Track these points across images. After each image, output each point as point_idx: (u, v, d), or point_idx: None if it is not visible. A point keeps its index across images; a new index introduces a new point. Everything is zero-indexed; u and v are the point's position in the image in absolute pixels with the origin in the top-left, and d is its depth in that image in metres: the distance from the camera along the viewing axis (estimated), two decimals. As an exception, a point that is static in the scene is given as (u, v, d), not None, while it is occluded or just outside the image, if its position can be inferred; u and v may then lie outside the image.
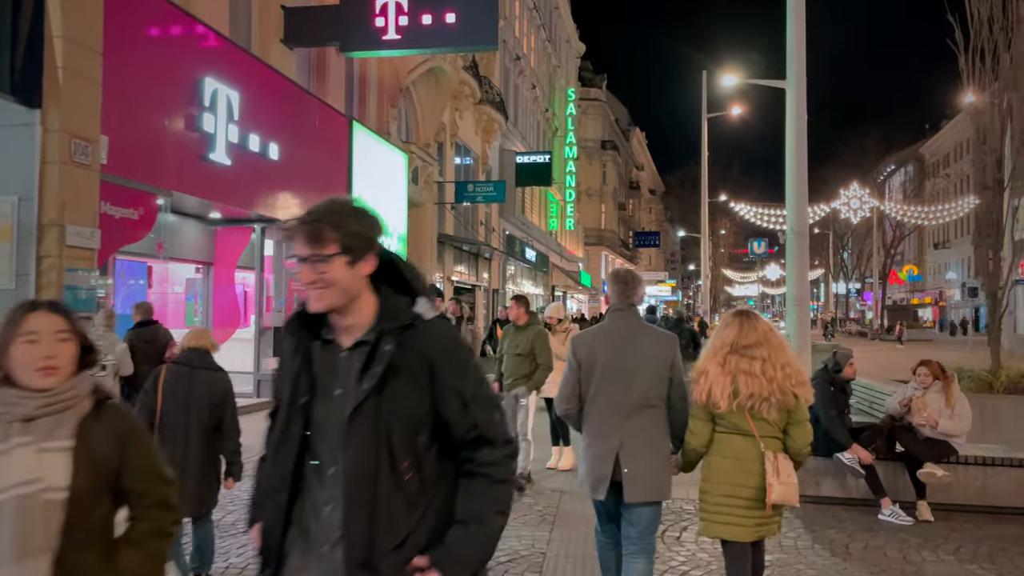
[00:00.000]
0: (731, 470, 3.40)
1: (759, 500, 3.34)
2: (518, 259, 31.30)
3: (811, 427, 3.52)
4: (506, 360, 6.91)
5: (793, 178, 14.19)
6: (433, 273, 19.57)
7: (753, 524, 3.39)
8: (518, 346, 6.75)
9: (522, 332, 6.83)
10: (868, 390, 9.12)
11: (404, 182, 16.96)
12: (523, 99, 33.24)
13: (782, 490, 3.31)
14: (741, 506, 3.37)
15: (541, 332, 6.91)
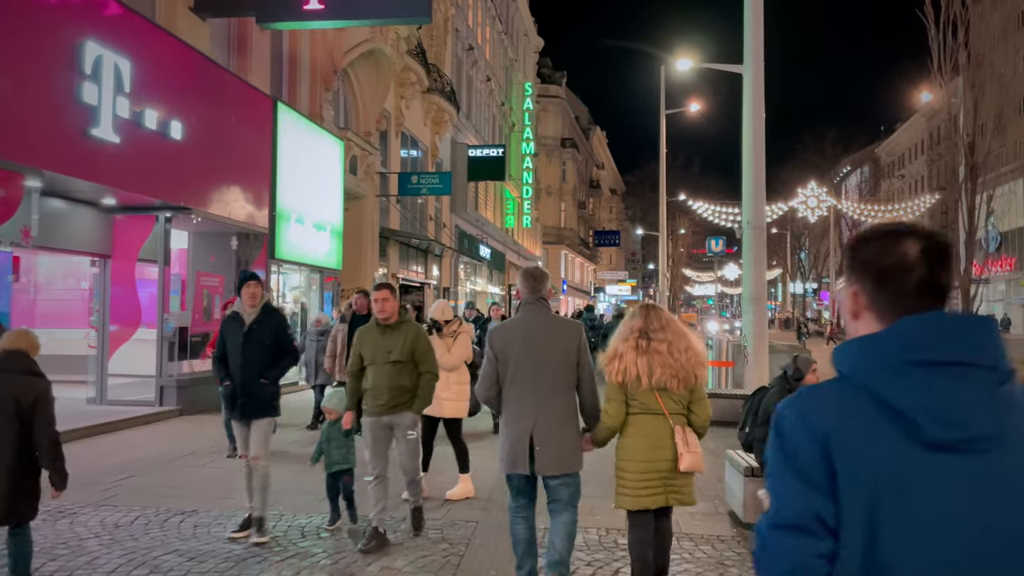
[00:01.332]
0: (646, 447, 3.76)
1: (673, 470, 3.74)
2: (471, 257, 30.23)
3: (709, 403, 3.91)
4: (372, 373, 5.00)
5: (750, 169, 13.35)
6: (374, 269, 18.41)
7: (667, 491, 3.77)
8: (390, 351, 4.96)
9: (394, 333, 5.04)
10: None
11: (340, 171, 15.79)
12: (477, 91, 32.18)
13: (691, 458, 3.72)
14: (657, 478, 3.74)
15: (421, 331, 5.24)
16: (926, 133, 69.13)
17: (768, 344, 13.10)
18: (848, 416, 1.23)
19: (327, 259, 15.26)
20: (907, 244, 1.30)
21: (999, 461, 1.19)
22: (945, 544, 1.18)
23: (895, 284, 1.30)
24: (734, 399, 10.72)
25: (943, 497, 1.19)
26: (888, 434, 1.20)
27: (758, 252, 13.73)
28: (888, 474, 1.19)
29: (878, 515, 1.19)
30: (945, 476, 1.19)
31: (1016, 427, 1.21)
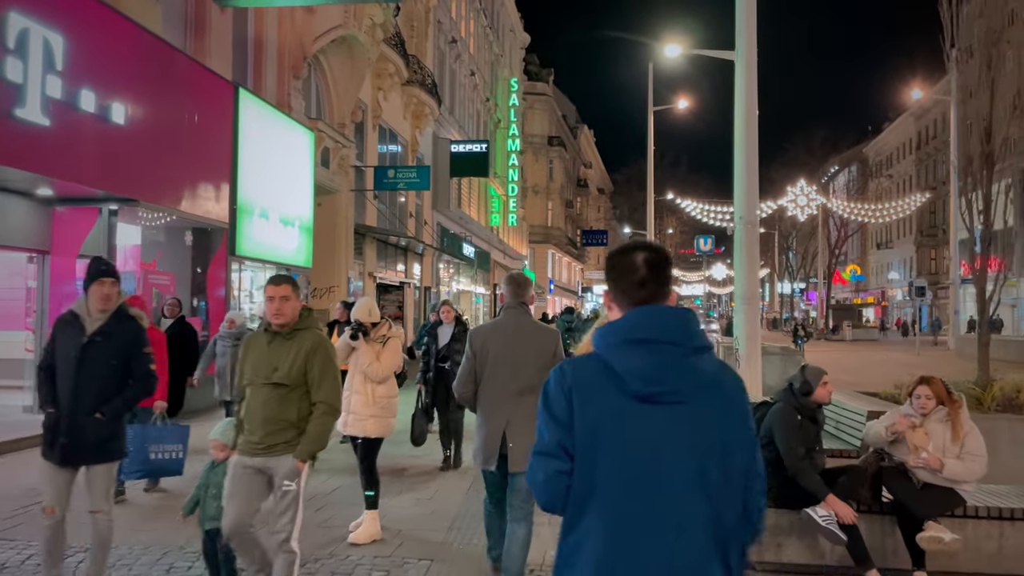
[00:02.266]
0: None
1: None
2: (454, 255, 29.41)
3: None
4: (248, 398, 3.76)
5: (742, 160, 12.58)
6: (349, 267, 17.56)
7: None
8: (275, 369, 3.66)
9: (284, 344, 3.71)
10: (834, 407, 7.49)
11: (310, 163, 14.93)
12: (461, 86, 31.35)
13: None
14: None
15: (321, 343, 3.78)
16: (914, 132, 68.99)
17: (758, 344, 12.39)
18: (586, 377, 1.78)
19: (295, 256, 14.41)
20: (635, 256, 1.85)
21: (688, 408, 1.73)
22: (641, 464, 1.71)
23: (625, 285, 1.85)
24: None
25: (644, 433, 1.72)
26: (609, 389, 1.74)
27: (750, 249, 12.97)
28: (607, 417, 1.73)
29: (597, 444, 1.73)
30: (647, 418, 1.73)
31: (700, 385, 1.76)
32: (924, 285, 33.62)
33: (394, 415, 5.45)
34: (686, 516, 1.68)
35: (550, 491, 1.77)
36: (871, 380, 17.64)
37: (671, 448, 1.70)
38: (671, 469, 1.69)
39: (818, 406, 4.83)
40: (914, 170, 67.74)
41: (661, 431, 1.70)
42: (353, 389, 5.26)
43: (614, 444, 1.70)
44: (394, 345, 5.45)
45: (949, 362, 26.64)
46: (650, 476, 1.69)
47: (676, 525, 1.67)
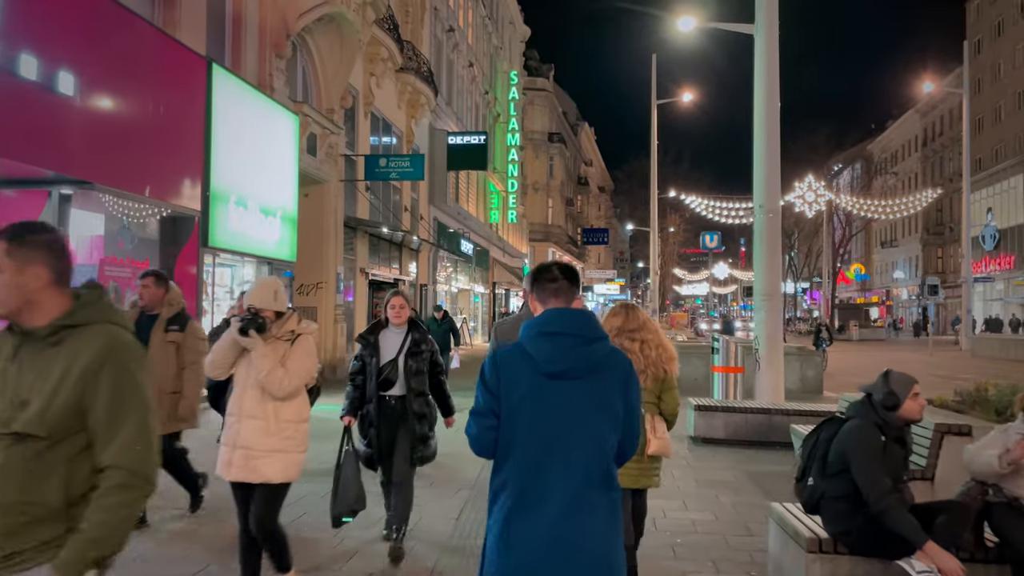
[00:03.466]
0: None
1: (640, 453, 3.91)
2: (452, 252, 28.35)
3: (678, 394, 4.18)
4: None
5: (763, 144, 11.48)
6: (337, 262, 16.51)
7: (636, 474, 3.99)
8: (23, 403, 1.96)
9: (43, 356, 1.99)
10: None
11: (293, 149, 13.87)
12: (458, 77, 30.29)
13: (658, 444, 4.03)
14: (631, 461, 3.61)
15: (114, 353, 1.99)
16: (920, 129, 68.01)
17: (780, 345, 11.34)
18: (511, 359, 2.37)
19: (277, 249, 13.35)
20: (551, 272, 2.51)
21: (585, 383, 2.33)
22: (549, 423, 2.29)
23: (543, 294, 2.49)
24: (749, 414, 8.89)
25: (552, 400, 2.30)
26: (527, 368, 2.33)
27: (772, 240, 11.91)
28: (524, 389, 2.32)
29: (517, 409, 2.31)
30: (553, 390, 2.31)
31: (593, 365, 2.34)
32: (937, 283, 32.53)
33: (304, 450, 3.92)
34: (578, 459, 2.31)
35: (481, 442, 2.39)
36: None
37: (571, 412, 2.34)
38: (570, 427, 2.33)
39: (907, 424, 3.77)
40: (920, 167, 66.76)
41: (564, 399, 2.34)
42: (243, 411, 3.78)
43: (530, 409, 2.33)
44: (306, 346, 3.89)
45: (968, 362, 25.68)
46: (555, 431, 2.32)
47: (571, 464, 2.30)
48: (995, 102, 50.75)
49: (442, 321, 13.40)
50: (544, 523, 2.22)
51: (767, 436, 8.83)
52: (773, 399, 10.49)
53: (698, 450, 8.54)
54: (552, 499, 2.23)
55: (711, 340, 11.52)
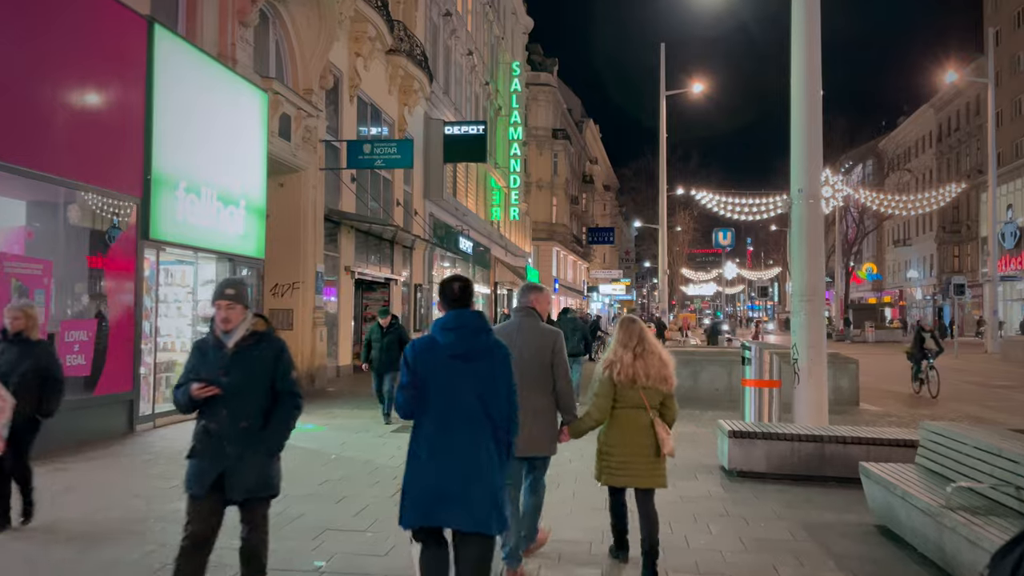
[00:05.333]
0: (632, 435, 4.45)
1: (655, 454, 4.44)
2: (449, 250, 26.70)
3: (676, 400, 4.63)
4: None
5: (802, 120, 9.61)
6: (317, 260, 14.86)
7: (648, 474, 4.45)
8: None
9: None
10: (988, 454, 4.74)
11: (261, 132, 12.24)
12: (456, 65, 28.64)
13: (671, 445, 4.44)
14: (642, 462, 4.43)
15: None
16: (935, 124, 66.10)
17: (823, 354, 9.63)
18: (425, 345, 3.36)
19: (241, 244, 11.72)
20: (453, 284, 3.48)
21: (475, 363, 3.32)
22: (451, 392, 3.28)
23: (447, 300, 3.46)
24: (797, 441, 7.21)
25: (453, 375, 3.29)
26: (436, 352, 3.32)
27: (813, 231, 10.14)
28: (433, 367, 3.30)
29: (429, 381, 3.28)
30: (454, 368, 3.29)
31: (481, 351, 3.35)
32: (964, 283, 30.79)
33: None
34: (473, 418, 3.30)
35: (405, 407, 3.36)
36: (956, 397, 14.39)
37: (466, 383, 3.32)
38: (465, 394, 3.31)
39: None
40: (935, 163, 64.86)
41: (461, 374, 3.32)
42: None
43: (437, 381, 3.31)
44: None
45: (999, 367, 23.84)
46: (455, 398, 3.30)
47: (467, 421, 3.29)
48: (1015, 95, 48.94)
49: (388, 329, 10.79)
50: (447, 455, 3.27)
51: (819, 470, 7.14)
52: (815, 419, 8.81)
53: (736, 488, 6.86)
54: (454, 442, 3.29)
55: (741, 348, 9.80)
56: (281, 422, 3.67)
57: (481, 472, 3.25)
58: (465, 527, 3.22)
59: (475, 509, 3.20)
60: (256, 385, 3.58)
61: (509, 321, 4.64)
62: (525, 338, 4.46)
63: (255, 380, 3.58)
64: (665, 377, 4.45)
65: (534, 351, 4.43)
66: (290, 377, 3.69)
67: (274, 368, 3.64)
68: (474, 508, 3.20)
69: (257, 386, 3.59)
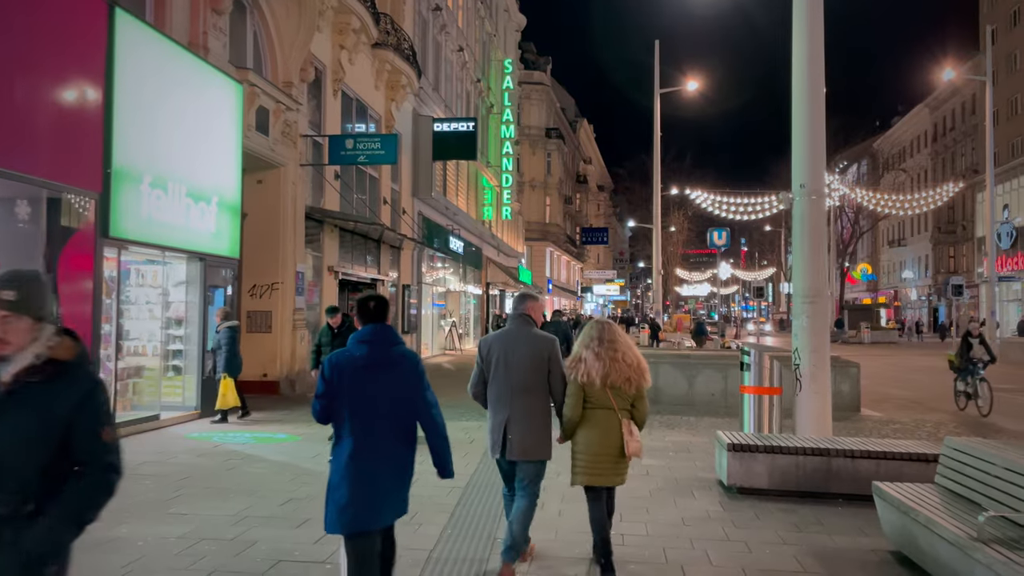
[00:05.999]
0: (599, 436, 4.52)
1: (620, 455, 4.50)
2: (439, 250, 26.13)
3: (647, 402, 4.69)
4: None
5: (804, 111, 9.03)
6: (298, 259, 14.28)
7: (614, 473, 4.54)
8: None
9: None
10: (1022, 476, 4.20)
11: (236, 125, 11.67)
12: (447, 61, 28.07)
13: (635, 446, 4.50)
14: (608, 461, 4.50)
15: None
16: (930, 124, 65.79)
17: (827, 360, 9.09)
18: (343, 358, 3.60)
19: (214, 243, 11.14)
20: (369, 303, 3.75)
21: (387, 372, 3.60)
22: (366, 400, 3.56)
23: (364, 314, 3.73)
24: (801, 455, 6.68)
25: (367, 384, 3.56)
26: (352, 363, 3.59)
27: (816, 228, 9.60)
28: (350, 377, 3.56)
29: (345, 390, 3.56)
30: (368, 377, 3.57)
31: (392, 361, 3.64)
32: (962, 283, 30.25)
33: None
34: (387, 424, 3.59)
35: (321, 414, 3.65)
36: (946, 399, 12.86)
37: (380, 392, 3.60)
38: (379, 401, 3.60)
39: None
40: (930, 163, 64.57)
41: (375, 383, 3.60)
42: None
43: (354, 390, 3.58)
44: None
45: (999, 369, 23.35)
46: (370, 406, 3.58)
47: (383, 429, 3.57)
48: (1011, 94, 48.60)
49: (340, 330, 9.82)
50: (368, 459, 3.54)
51: (825, 486, 6.60)
52: (819, 429, 8.28)
53: (736, 507, 6.31)
54: (373, 446, 3.56)
55: (740, 353, 9.26)
56: (68, 510, 2.23)
57: (399, 471, 3.65)
58: (390, 521, 3.69)
59: (397, 504, 3.65)
60: (31, 447, 2.22)
61: (505, 328, 4.80)
62: (520, 345, 4.63)
63: (31, 439, 2.22)
64: (628, 378, 4.52)
65: (529, 357, 4.59)
66: (100, 438, 2.29)
67: (72, 421, 2.25)
68: (396, 503, 3.64)
69: (33, 449, 2.22)
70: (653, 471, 7.67)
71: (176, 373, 11.30)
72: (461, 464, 7.20)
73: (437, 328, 27.59)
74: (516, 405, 4.51)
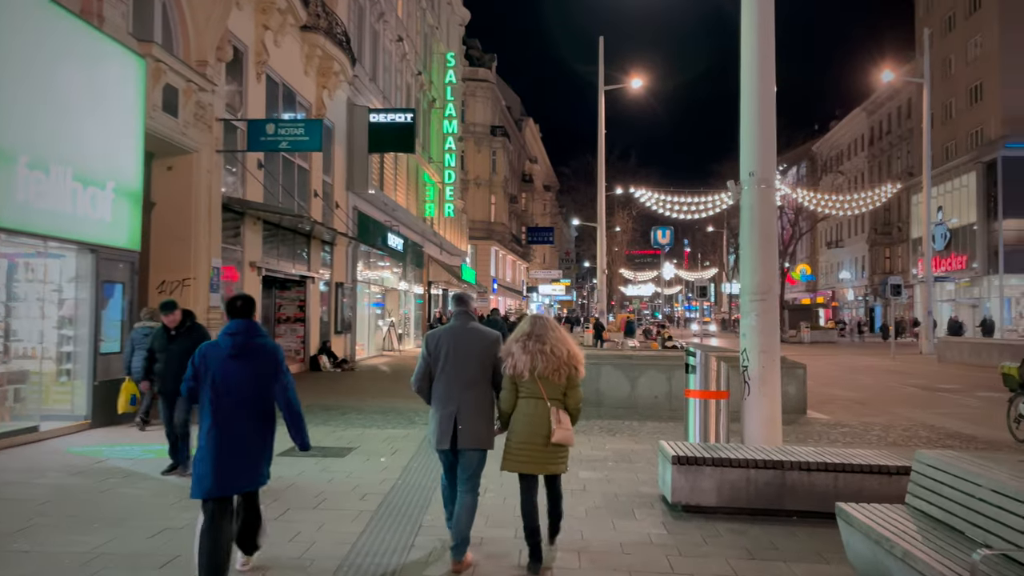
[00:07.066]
0: (527, 423, 4.67)
1: (547, 443, 4.62)
2: (376, 247, 25.07)
3: (581, 392, 4.83)
4: None
5: (753, 95, 8.19)
6: (212, 254, 13.15)
7: (544, 461, 4.66)
8: None
9: None
10: (1015, 502, 3.54)
11: (136, 103, 10.53)
12: (385, 51, 27.01)
13: (562, 434, 4.62)
14: (536, 448, 4.63)
15: None
16: (867, 128, 67.16)
17: (777, 362, 8.50)
18: (210, 348, 4.29)
19: (110, 233, 10.00)
20: (235, 302, 4.41)
21: (249, 359, 4.27)
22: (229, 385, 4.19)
23: (230, 310, 4.40)
24: (753, 468, 6.01)
25: (231, 371, 4.21)
26: (218, 352, 4.25)
27: (766, 220, 8.95)
28: (216, 364, 4.21)
29: (211, 376, 4.19)
30: (233, 365, 4.23)
31: (254, 350, 4.29)
32: (900, 283, 30.54)
33: None
34: (246, 406, 4.19)
35: (187, 394, 4.25)
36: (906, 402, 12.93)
37: (242, 377, 4.20)
38: (240, 386, 4.18)
39: None
40: (867, 166, 65.88)
41: (238, 370, 4.19)
42: None
43: (217, 376, 4.16)
44: None
45: (938, 369, 23.41)
46: (231, 390, 4.16)
47: (245, 407, 4.19)
48: (946, 99, 49.70)
49: (178, 331, 7.40)
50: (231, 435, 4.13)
51: (779, 502, 5.94)
52: (768, 437, 7.66)
53: (681, 530, 5.59)
54: (236, 425, 4.16)
55: (685, 354, 8.58)
56: None
57: (257, 445, 4.27)
58: (249, 488, 4.28)
59: (255, 474, 4.26)
60: None
61: (452, 324, 4.95)
62: (467, 340, 4.84)
63: None
64: (557, 369, 4.67)
65: (475, 352, 4.80)
66: None
67: None
68: (254, 474, 4.25)
69: None
70: (591, 485, 6.92)
71: (70, 378, 10.16)
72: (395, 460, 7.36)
73: (375, 328, 26.52)
74: (465, 397, 4.69)
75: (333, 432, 9.68)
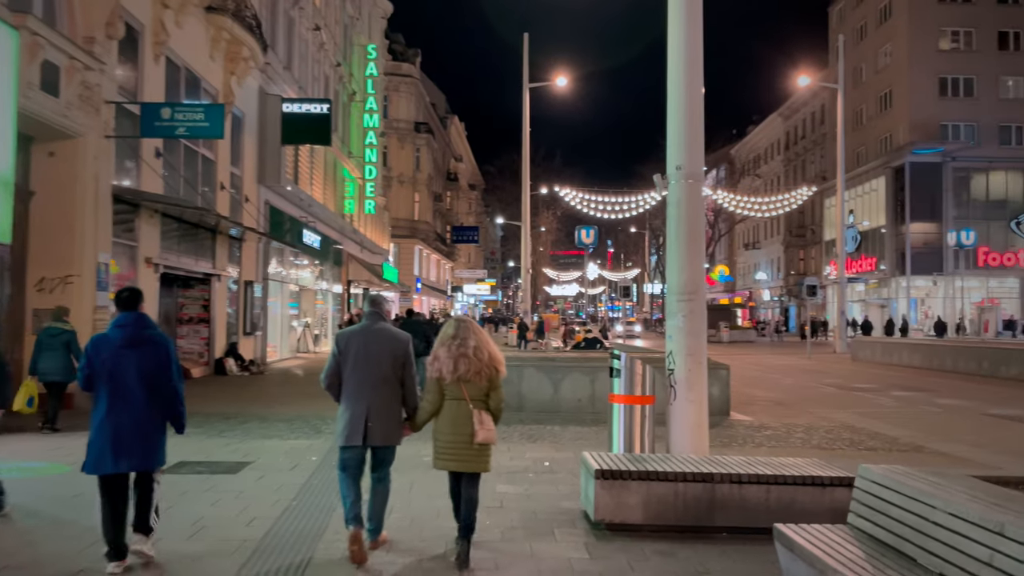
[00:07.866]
0: (452, 424, 4.80)
1: (471, 442, 4.75)
2: (290, 244, 23.94)
3: (503, 393, 4.97)
4: None
5: (680, 85, 7.49)
6: (100, 249, 12.02)
7: (469, 459, 4.80)
8: None
9: None
10: (980, 529, 3.14)
11: (7, 79, 9.41)
12: (301, 40, 25.88)
13: (485, 434, 4.74)
14: (462, 447, 4.77)
15: None
16: (783, 132, 69.12)
17: (704, 365, 8.14)
18: (101, 339, 4.64)
19: (-29, 224, 8.88)
20: (123, 292, 4.81)
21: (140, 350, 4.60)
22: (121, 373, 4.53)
23: (119, 302, 4.76)
24: (681, 482, 5.56)
25: (125, 362, 4.54)
26: (110, 344, 4.59)
27: (693, 217, 8.54)
28: (109, 355, 4.56)
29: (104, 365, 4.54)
30: (125, 355, 4.56)
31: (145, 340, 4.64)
32: (816, 284, 31.27)
33: None
34: (136, 392, 4.50)
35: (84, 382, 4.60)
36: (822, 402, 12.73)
37: (131, 366, 4.50)
38: (130, 374, 4.50)
39: None
40: (783, 170, 67.80)
41: (131, 360, 4.52)
42: None
43: (111, 365, 4.49)
44: None
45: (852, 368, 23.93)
46: (122, 377, 4.49)
47: (135, 393, 4.51)
48: (857, 105, 51.46)
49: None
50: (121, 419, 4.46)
51: (709, 518, 5.51)
52: (695, 445, 7.27)
53: (605, 553, 5.08)
54: (127, 409, 4.48)
55: (610, 358, 8.12)
56: None
57: (148, 429, 4.61)
58: (139, 468, 4.63)
59: (145, 456, 4.60)
60: None
61: (363, 324, 5.12)
62: (378, 341, 5.00)
63: None
64: (479, 371, 4.80)
65: (387, 352, 4.97)
66: None
67: None
68: (144, 455, 4.60)
69: None
70: (508, 501, 6.36)
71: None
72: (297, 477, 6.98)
73: (288, 329, 25.37)
74: (375, 396, 4.86)
75: (228, 445, 8.81)
